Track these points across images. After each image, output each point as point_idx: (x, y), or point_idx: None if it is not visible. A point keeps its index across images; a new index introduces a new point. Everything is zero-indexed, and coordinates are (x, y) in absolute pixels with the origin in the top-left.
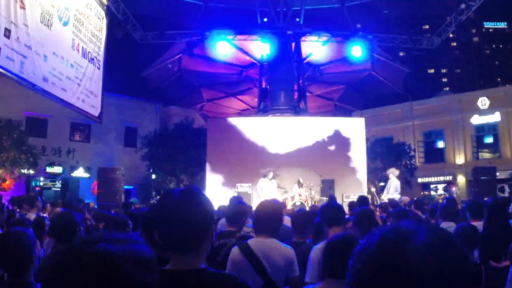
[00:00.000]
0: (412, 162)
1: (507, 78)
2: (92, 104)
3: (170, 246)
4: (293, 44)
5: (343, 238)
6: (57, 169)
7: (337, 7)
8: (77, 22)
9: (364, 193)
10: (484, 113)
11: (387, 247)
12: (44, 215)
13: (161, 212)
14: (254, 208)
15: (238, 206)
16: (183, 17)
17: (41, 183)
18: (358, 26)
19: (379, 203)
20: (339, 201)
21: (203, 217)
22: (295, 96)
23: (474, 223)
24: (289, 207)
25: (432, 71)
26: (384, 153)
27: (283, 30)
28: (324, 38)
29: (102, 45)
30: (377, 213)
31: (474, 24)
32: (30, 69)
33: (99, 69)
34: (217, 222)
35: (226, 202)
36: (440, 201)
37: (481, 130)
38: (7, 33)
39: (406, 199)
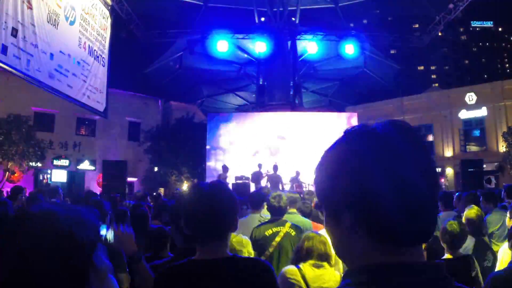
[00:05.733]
0: None
1: (494, 74)
2: (97, 100)
3: (199, 235)
4: (289, 42)
5: None
6: (64, 162)
7: (331, 7)
8: (83, 21)
9: None
10: (472, 108)
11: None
12: None
13: (191, 203)
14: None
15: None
16: (184, 17)
17: (48, 175)
18: (351, 25)
19: None
20: None
21: (230, 207)
22: (291, 92)
23: (445, 213)
24: None
25: (421, 68)
26: None
27: (280, 29)
28: (319, 37)
29: (107, 44)
30: None
31: (461, 23)
32: (36, 66)
33: (104, 66)
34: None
35: None
36: None
37: (469, 124)
38: (14, 32)
39: None
